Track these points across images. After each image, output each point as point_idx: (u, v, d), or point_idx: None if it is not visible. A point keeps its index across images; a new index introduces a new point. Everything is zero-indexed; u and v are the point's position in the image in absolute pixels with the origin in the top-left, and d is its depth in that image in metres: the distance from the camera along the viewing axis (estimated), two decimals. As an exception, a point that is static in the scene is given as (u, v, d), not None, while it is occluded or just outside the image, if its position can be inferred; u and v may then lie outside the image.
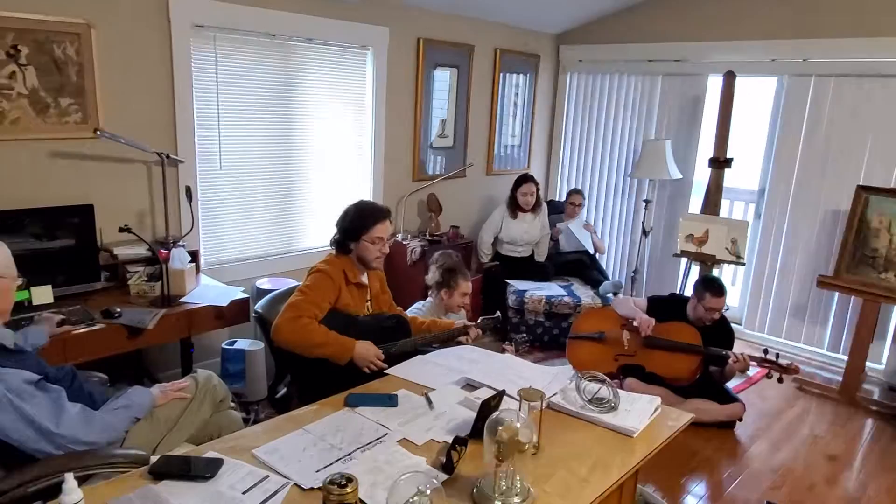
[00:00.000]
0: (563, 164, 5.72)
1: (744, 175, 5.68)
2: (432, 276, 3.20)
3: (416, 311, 3.19)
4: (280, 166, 3.88)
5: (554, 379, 2.21)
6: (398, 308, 2.83)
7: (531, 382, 2.13)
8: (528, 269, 4.76)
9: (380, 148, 4.37)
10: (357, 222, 2.48)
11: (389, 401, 2.03)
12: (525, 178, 4.70)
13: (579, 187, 5.38)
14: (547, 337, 4.47)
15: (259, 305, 2.62)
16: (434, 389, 2.13)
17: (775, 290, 4.69)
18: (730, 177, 4.74)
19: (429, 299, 3.29)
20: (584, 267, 4.84)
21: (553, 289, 4.53)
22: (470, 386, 2.18)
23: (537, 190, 4.72)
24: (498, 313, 2.87)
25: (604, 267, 5.14)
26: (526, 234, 4.75)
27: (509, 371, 2.27)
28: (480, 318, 2.82)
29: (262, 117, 3.73)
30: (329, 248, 2.61)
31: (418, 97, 4.51)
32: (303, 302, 2.34)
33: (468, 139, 4.98)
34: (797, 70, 4.40)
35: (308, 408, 2.00)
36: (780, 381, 3.22)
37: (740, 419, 3.43)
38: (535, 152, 5.62)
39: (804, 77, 4.39)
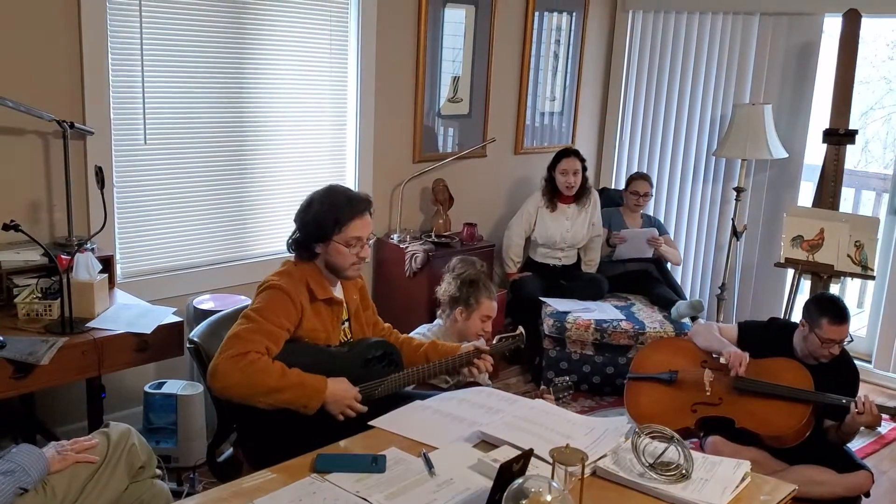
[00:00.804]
0: (622, 139, 5.71)
1: (874, 154, 5.65)
2: (446, 288, 3.22)
3: (420, 337, 3.19)
4: (229, 143, 3.90)
5: (603, 436, 2.20)
6: (386, 325, 2.83)
7: (570, 439, 2.12)
8: (572, 282, 4.75)
9: (367, 119, 4.38)
10: (326, 217, 2.47)
11: (374, 464, 2.02)
12: (566, 153, 4.72)
13: (644, 171, 5.37)
14: (597, 377, 4.46)
15: (196, 333, 2.62)
16: (436, 448, 2.13)
17: (919, 315, 4.64)
18: (855, 156, 4.70)
19: (437, 321, 3.30)
20: (650, 280, 4.83)
21: (606, 310, 4.52)
22: (486, 444, 2.17)
23: (584, 170, 4.72)
24: (521, 329, 2.86)
25: (678, 281, 5.11)
26: (568, 233, 4.75)
27: (541, 424, 2.26)
28: (497, 337, 2.81)
29: (205, 76, 3.75)
30: (288, 253, 2.61)
31: (421, 47, 4.52)
32: (249, 332, 2.32)
33: (489, 105, 4.99)
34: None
35: (261, 475, 1.99)
36: (923, 441, 3.16)
37: (867, 494, 3.38)
38: (582, 123, 5.62)
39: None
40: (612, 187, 5.59)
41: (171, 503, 2.30)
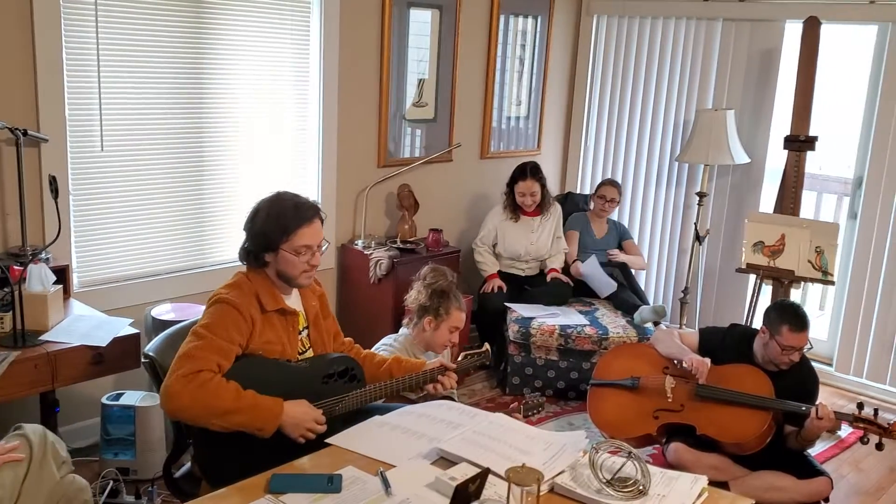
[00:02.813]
0: (587, 144, 5.72)
1: (835, 158, 5.70)
2: (416, 296, 3.21)
3: (386, 349, 3.16)
4: (189, 149, 3.85)
5: (561, 451, 2.18)
6: (347, 339, 2.80)
7: (529, 455, 2.12)
8: (537, 287, 4.75)
9: (331, 123, 4.35)
10: (273, 226, 2.43)
11: (330, 484, 1.99)
12: (523, 173, 4.65)
13: (607, 176, 5.38)
14: (562, 382, 4.46)
15: (151, 347, 2.56)
16: (394, 466, 2.10)
17: (877, 319, 4.69)
18: (818, 161, 4.73)
19: (402, 331, 3.28)
20: (613, 286, 4.83)
21: (571, 315, 4.52)
22: (445, 460, 2.15)
23: (543, 187, 4.70)
24: (486, 346, 2.84)
25: (641, 286, 5.13)
26: (533, 246, 4.75)
27: (500, 439, 2.24)
28: (463, 354, 2.79)
29: (164, 82, 3.70)
30: (239, 263, 2.57)
31: (385, 49, 4.49)
32: (199, 349, 2.27)
33: (455, 109, 4.96)
34: (906, 15, 4.43)
35: (214, 496, 1.96)
36: (879, 447, 3.20)
37: (826, 499, 3.41)
38: (548, 127, 5.62)
39: (915, 25, 4.42)
40: (578, 192, 5.60)
41: (89, 498, 2.33)
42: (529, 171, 4.64)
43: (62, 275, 3.18)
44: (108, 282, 3.66)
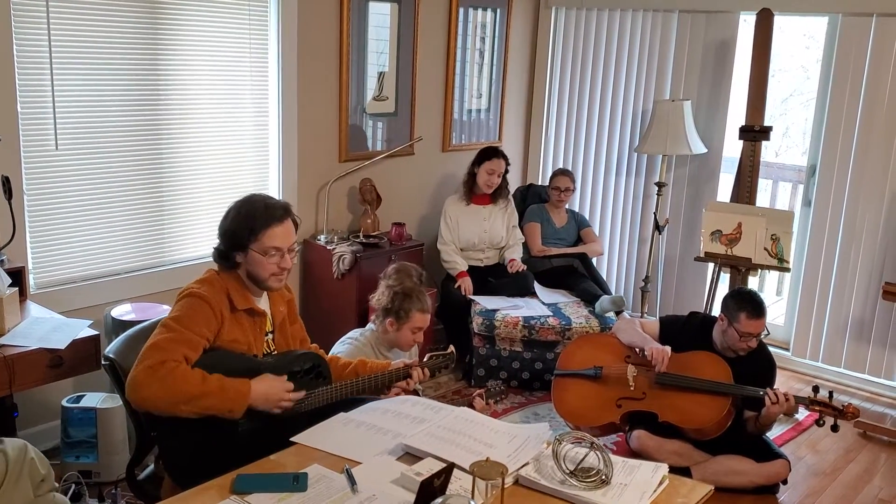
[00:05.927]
0: (547, 135, 5.74)
1: (791, 147, 5.81)
2: (380, 297, 3.18)
3: (352, 343, 3.15)
4: (146, 145, 3.80)
5: (525, 443, 2.19)
6: (313, 346, 2.78)
7: (493, 448, 2.13)
8: (500, 279, 4.77)
9: (291, 117, 4.31)
10: (240, 224, 2.41)
11: (295, 483, 1.98)
12: (495, 153, 4.74)
13: (567, 167, 5.41)
14: (526, 373, 4.49)
15: (112, 348, 2.52)
16: (360, 463, 2.10)
17: (832, 305, 4.78)
18: (777, 141, 4.77)
19: (369, 327, 3.26)
20: (575, 276, 4.87)
21: (534, 307, 4.55)
22: (410, 456, 2.15)
23: (505, 173, 4.75)
24: (451, 349, 2.85)
25: (602, 275, 5.17)
26: (486, 234, 4.77)
27: (465, 433, 2.24)
28: (428, 356, 2.80)
29: (119, 76, 3.64)
30: (210, 261, 2.55)
31: (344, 43, 4.46)
32: (167, 341, 2.26)
33: (415, 102, 4.95)
34: (855, 6, 4.50)
35: (178, 498, 1.94)
36: (834, 428, 3.27)
37: (784, 481, 3.49)
38: (509, 119, 5.63)
39: (864, 17, 4.48)
40: (539, 183, 5.62)
41: None
42: (498, 152, 4.75)
43: (18, 276, 3.12)
44: (65, 283, 3.60)
